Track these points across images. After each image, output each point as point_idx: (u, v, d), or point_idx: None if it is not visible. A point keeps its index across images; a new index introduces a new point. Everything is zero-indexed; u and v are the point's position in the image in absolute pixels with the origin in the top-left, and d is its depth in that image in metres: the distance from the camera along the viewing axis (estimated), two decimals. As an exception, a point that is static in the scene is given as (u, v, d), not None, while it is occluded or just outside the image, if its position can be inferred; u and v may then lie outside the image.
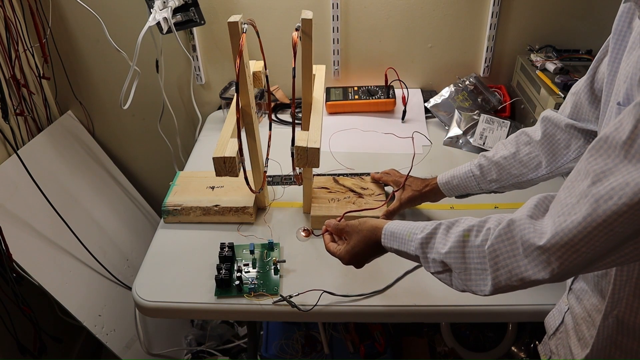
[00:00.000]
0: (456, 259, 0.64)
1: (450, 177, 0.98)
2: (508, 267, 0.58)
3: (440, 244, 0.66)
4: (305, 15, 0.83)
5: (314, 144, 0.87)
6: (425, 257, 0.68)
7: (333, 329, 1.40)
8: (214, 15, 1.42)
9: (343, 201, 1.08)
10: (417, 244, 0.69)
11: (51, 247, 1.29)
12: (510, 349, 1.35)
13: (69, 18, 1.43)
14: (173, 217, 1.08)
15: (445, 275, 0.67)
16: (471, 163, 0.95)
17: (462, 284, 0.65)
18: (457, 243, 0.64)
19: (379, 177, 1.13)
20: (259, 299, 0.90)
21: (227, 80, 1.54)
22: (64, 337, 1.43)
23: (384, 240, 0.74)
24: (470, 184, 0.95)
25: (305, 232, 0.97)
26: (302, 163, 0.88)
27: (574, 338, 0.73)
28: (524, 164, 0.89)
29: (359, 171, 1.24)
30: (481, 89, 1.43)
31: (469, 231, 0.63)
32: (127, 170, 1.73)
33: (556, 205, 0.55)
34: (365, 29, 1.46)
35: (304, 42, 0.85)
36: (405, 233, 0.71)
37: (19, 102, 1.36)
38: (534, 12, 1.41)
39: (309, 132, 0.90)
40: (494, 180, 0.92)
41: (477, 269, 0.62)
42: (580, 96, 0.79)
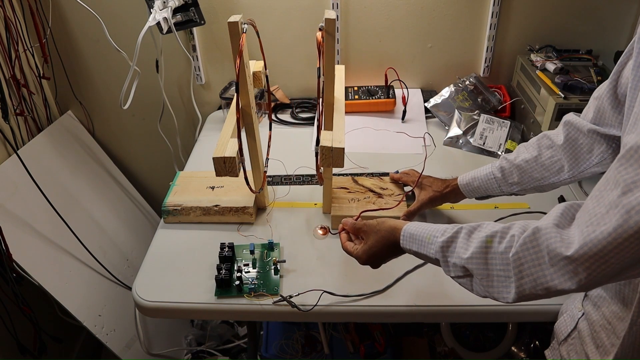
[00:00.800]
0: (478, 265, 0.63)
1: (471, 179, 0.98)
2: (533, 275, 0.58)
3: (462, 249, 0.65)
4: (329, 15, 0.83)
5: (338, 143, 0.87)
6: (446, 261, 0.68)
7: (333, 329, 1.40)
8: (214, 15, 1.42)
9: (363, 201, 1.08)
10: (438, 248, 0.68)
11: (51, 247, 1.29)
12: (510, 349, 1.35)
13: (69, 18, 1.43)
14: (173, 217, 1.08)
15: (466, 280, 0.67)
16: (492, 165, 0.95)
17: (484, 290, 0.64)
18: (479, 249, 0.63)
19: (399, 177, 1.13)
20: (259, 299, 0.90)
21: (227, 80, 1.54)
22: (64, 337, 1.43)
23: (403, 241, 0.74)
24: (491, 186, 0.95)
25: (322, 231, 0.96)
26: (327, 163, 0.88)
27: (591, 345, 0.72)
28: (545, 168, 0.88)
29: (359, 171, 1.24)
30: (481, 89, 1.43)
31: (492, 237, 0.62)
32: (127, 170, 1.73)
33: (584, 215, 0.54)
34: (365, 29, 1.46)
35: (327, 41, 0.85)
36: (425, 235, 0.71)
37: (19, 102, 1.36)
38: (534, 12, 1.41)
39: (333, 132, 0.90)
40: (515, 183, 0.92)
41: (499, 275, 0.61)
42: (603, 101, 0.78)
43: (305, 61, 1.52)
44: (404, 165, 1.25)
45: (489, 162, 1.28)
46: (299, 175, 1.23)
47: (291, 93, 1.57)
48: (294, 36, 1.47)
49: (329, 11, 0.86)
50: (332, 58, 0.88)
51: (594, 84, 1.19)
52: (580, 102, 1.15)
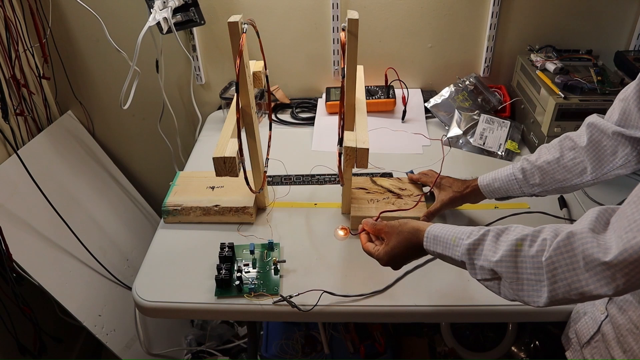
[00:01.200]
0: (508, 268, 0.63)
1: (492, 180, 0.97)
2: (567, 280, 0.57)
3: (490, 252, 0.65)
4: (352, 15, 0.83)
5: (362, 144, 0.87)
6: (472, 264, 0.67)
7: (333, 329, 1.40)
8: (214, 15, 1.42)
9: (382, 202, 1.08)
10: (464, 250, 0.68)
11: (51, 247, 1.29)
12: (510, 349, 1.35)
13: (69, 18, 1.43)
14: (173, 217, 1.08)
15: (494, 284, 0.66)
16: (513, 166, 0.95)
17: (513, 294, 0.64)
18: (509, 252, 0.63)
19: (417, 177, 1.13)
20: (259, 299, 0.90)
21: (227, 80, 1.54)
22: (64, 337, 1.43)
23: (427, 243, 0.73)
24: (512, 187, 0.95)
25: (344, 231, 0.95)
26: (351, 163, 0.88)
27: (618, 349, 0.72)
28: (568, 170, 0.88)
29: (359, 171, 1.24)
30: (481, 89, 1.43)
31: (522, 240, 0.62)
32: (127, 170, 1.73)
33: (621, 220, 0.54)
34: (365, 29, 1.45)
35: (350, 42, 0.85)
36: (450, 238, 0.70)
37: (19, 102, 1.36)
38: (534, 12, 1.41)
39: (356, 133, 0.90)
40: (537, 184, 0.92)
41: (530, 279, 0.61)
42: (629, 103, 0.78)
43: (305, 61, 1.52)
44: (404, 166, 1.25)
45: (489, 162, 1.30)
46: (299, 175, 1.23)
47: (291, 93, 1.57)
48: (294, 36, 1.47)
49: (352, 11, 0.85)
50: (355, 59, 0.88)
51: (594, 84, 1.19)
52: (580, 102, 1.15)
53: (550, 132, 1.19)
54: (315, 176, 1.23)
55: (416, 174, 1.13)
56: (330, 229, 1.05)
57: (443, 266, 0.95)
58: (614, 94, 1.16)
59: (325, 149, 1.35)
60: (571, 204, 1.12)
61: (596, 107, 1.15)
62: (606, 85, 1.19)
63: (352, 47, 0.86)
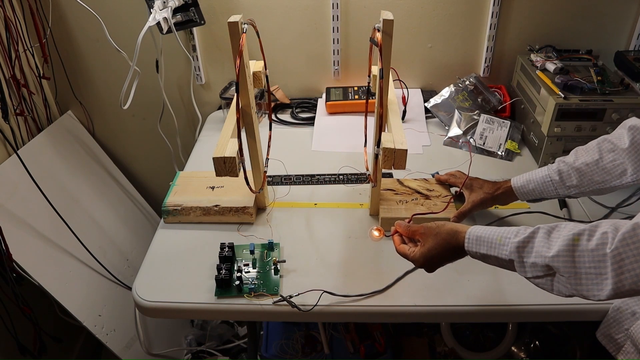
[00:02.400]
0: (565, 263, 0.63)
1: (526, 182, 0.98)
2: (635, 271, 0.58)
3: (544, 248, 0.65)
4: (386, 16, 0.83)
5: (401, 145, 0.86)
6: (522, 262, 0.68)
7: (333, 329, 1.40)
8: (214, 15, 1.42)
9: (411, 203, 1.08)
10: (513, 248, 0.68)
11: (51, 247, 1.29)
12: (510, 349, 1.35)
13: (69, 18, 1.43)
14: (173, 217, 1.08)
15: (546, 280, 0.66)
16: (548, 168, 0.96)
17: (571, 289, 0.64)
18: (566, 246, 0.63)
19: (445, 178, 1.13)
20: (259, 299, 0.90)
21: (227, 80, 1.54)
22: (64, 337, 1.43)
23: (468, 244, 0.74)
24: (547, 189, 0.95)
25: (378, 232, 0.95)
26: (389, 164, 0.87)
27: None
28: (607, 171, 0.89)
29: (359, 171, 1.24)
30: (481, 89, 1.43)
31: (579, 235, 0.63)
32: (127, 170, 1.73)
33: None
34: (365, 29, 1.45)
35: (385, 42, 0.85)
36: (495, 237, 0.71)
37: (19, 102, 1.36)
38: (534, 12, 1.41)
39: (393, 134, 0.90)
40: (574, 186, 0.92)
41: (589, 273, 0.61)
42: None
43: (305, 61, 1.52)
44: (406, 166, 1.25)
45: (489, 162, 1.30)
46: (299, 175, 1.23)
47: (291, 93, 1.57)
48: (294, 36, 1.47)
49: (386, 12, 0.85)
50: (389, 59, 0.87)
51: (594, 84, 1.19)
52: (580, 102, 1.15)
53: (550, 132, 1.19)
54: (314, 176, 1.23)
55: (444, 175, 1.14)
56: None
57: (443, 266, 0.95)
58: (614, 94, 1.17)
59: (325, 149, 1.35)
60: (571, 203, 1.12)
61: (596, 107, 1.16)
62: (606, 85, 1.19)
63: (387, 48, 0.85)
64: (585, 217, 1.09)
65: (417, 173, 1.22)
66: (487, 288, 0.92)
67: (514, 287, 0.92)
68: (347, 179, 1.22)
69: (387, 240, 1.03)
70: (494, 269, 0.93)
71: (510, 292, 0.91)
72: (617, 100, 1.15)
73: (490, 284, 0.93)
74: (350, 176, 1.23)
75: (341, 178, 1.22)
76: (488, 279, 0.93)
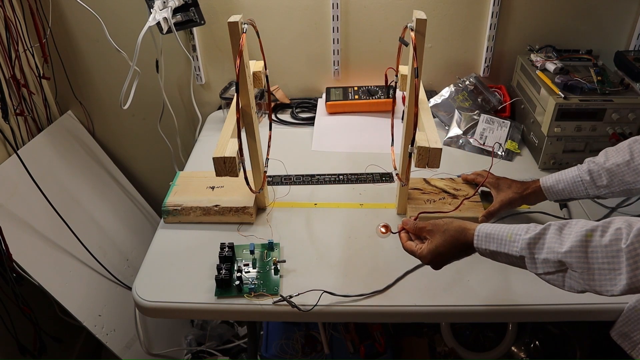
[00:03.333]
0: (578, 258, 0.63)
1: (555, 181, 0.98)
2: None
3: (556, 244, 0.65)
4: (419, 15, 0.83)
5: (435, 144, 0.87)
6: (533, 258, 0.68)
7: (333, 329, 1.40)
8: (214, 15, 1.42)
9: (439, 202, 1.08)
10: (524, 244, 0.68)
11: (51, 247, 1.29)
12: (510, 349, 1.35)
13: (69, 18, 1.43)
14: (173, 217, 1.08)
15: (557, 276, 0.67)
16: (579, 168, 0.96)
17: (584, 284, 0.64)
18: (579, 242, 0.63)
19: (472, 178, 1.13)
20: (259, 299, 0.90)
21: (227, 80, 1.54)
22: (64, 337, 1.43)
23: (477, 241, 0.74)
24: (577, 189, 0.96)
25: (385, 229, 0.96)
26: (423, 163, 0.88)
27: None
28: (638, 172, 0.89)
29: (359, 171, 1.24)
30: (481, 89, 1.43)
31: (592, 231, 0.63)
32: (127, 170, 1.73)
33: None
34: (365, 29, 1.46)
35: (418, 41, 0.85)
36: (505, 234, 0.71)
37: (19, 102, 1.36)
38: (534, 12, 1.41)
39: (427, 133, 0.90)
40: (604, 186, 0.93)
41: (602, 268, 0.62)
42: None
43: (305, 61, 1.52)
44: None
45: (489, 162, 1.29)
46: (299, 175, 1.23)
47: (291, 93, 1.57)
48: (294, 36, 1.47)
49: (418, 11, 0.85)
50: (422, 58, 0.87)
51: (594, 84, 1.19)
52: (580, 102, 1.15)
53: (550, 132, 1.19)
54: (314, 176, 1.23)
55: (470, 175, 1.14)
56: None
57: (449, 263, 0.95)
58: (614, 94, 1.17)
59: (325, 149, 1.35)
60: (571, 204, 1.12)
61: (596, 107, 1.16)
62: (606, 85, 1.19)
63: (420, 47, 0.85)
64: (585, 217, 1.09)
65: (418, 172, 1.22)
66: (487, 288, 0.92)
67: (514, 287, 0.92)
68: (347, 179, 1.22)
69: (388, 240, 1.03)
70: (494, 269, 0.93)
71: (510, 292, 0.91)
72: (617, 100, 1.15)
73: (491, 284, 0.93)
74: (351, 176, 1.23)
75: (341, 178, 1.22)
76: (488, 279, 0.93)
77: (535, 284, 0.92)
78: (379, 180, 1.22)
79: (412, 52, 0.83)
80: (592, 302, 0.88)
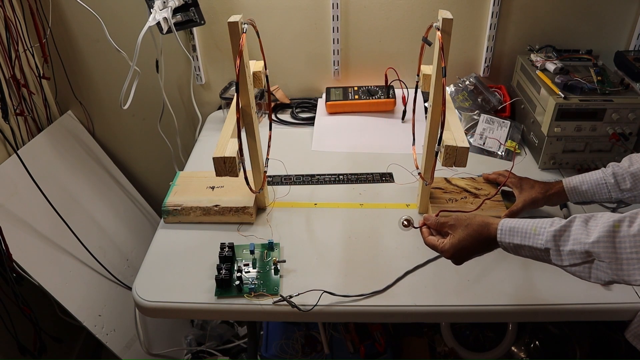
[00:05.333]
0: (606, 248, 0.64)
1: (579, 183, 0.99)
2: None
3: (582, 235, 0.66)
4: (445, 15, 0.84)
5: (462, 143, 0.87)
6: (558, 250, 0.69)
7: (333, 329, 1.40)
8: (214, 15, 1.42)
9: (461, 201, 1.08)
10: (549, 237, 0.69)
11: (51, 247, 1.29)
12: (510, 349, 1.35)
13: (69, 18, 1.43)
14: (173, 217, 1.08)
15: (583, 268, 0.67)
16: (603, 171, 0.97)
17: (612, 274, 0.65)
18: (606, 232, 0.64)
19: (494, 177, 1.13)
20: (259, 299, 0.90)
21: (227, 80, 1.54)
22: (64, 337, 1.43)
23: (501, 235, 0.74)
24: (601, 191, 0.96)
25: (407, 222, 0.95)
26: (450, 162, 0.88)
27: None
28: None
29: (359, 171, 1.24)
30: (481, 89, 1.43)
31: (619, 222, 0.64)
32: (127, 170, 1.73)
33: None
34: (365, 29, 1.46)
35: (445, 41, 0.85)
36: (529, 228, 0.72)
37: (19, 102, 1.36)
38: (534, 12, 1.41)
39: (453, 132, 0.90)
40: (628, 189, 0.93)
41: (631, 258, 0.63)
42: None
43: (305, 61, 1.52)
44: (406, 165, 1.25)
45: (489, 162, 1.30)
46: (299, 175, 1.23)
47: (291, 93, 1.57)
48: (294, 36, 1.47)
49: (444, 11, 0.85)
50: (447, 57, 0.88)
51: (594, 84, 1.19)
52: (580, 102, 1.15)
53: (550, 132, 1.19)
54: (314, 176, 1.23)
55: (492, 174, 1.14)
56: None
57: (443, 266, 0.95)
58: (614, 94, 1.17)
59: (325, 149, 1.35)
60: (571, 204, 1.12)
61: (596, 107, 1.16)
62: (606, 85, 1.19)
63: (447, 46, 0.86)
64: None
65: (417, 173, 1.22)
66: (487, 288, 0.92)
67: (514, 287, 0.92)
68: (347, 179, 1.22)
69: (388, 240, 1.03)
70: (494, 269, 0.93)
71: (510, 292, 0.91)
72: (617, 100, 1.15)
73: (491, 284, 0.93)
74: (351, 176, 1.23)
75: (341, 178, 1.22)
76: (488, 280, 0.93)
77: (535, 284, 0.92)
78: (379, 180, 1.22)
79: (439, 51, 0.84)
80: (593, 302, 0.88)
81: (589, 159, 1.23)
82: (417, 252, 0.99)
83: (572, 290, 0.89)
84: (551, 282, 0.91)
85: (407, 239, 1.02)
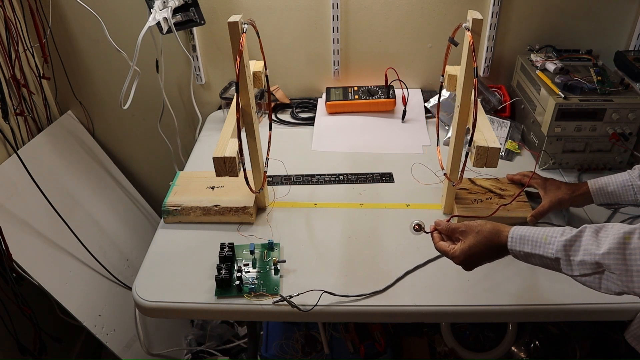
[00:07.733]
0: (616, 260, 0.64)
1: (604, 184, 0.99)
2: None
3: (592, 246, 0.66)
4: (475, 15, 0.83)
5: (493, 143, 0.87)
6: (569, 260, 0.68)
7: (333, 329, 1.40)
8: (214, 15, 1.42)
9: (486, 202, 1.08)
10: (560, 247, 0.69)
11: (51, 247, 1.29)
12: (510, 349, 1.35)
13: (69, 18, 1.43)
14: (173, 217, 1.08)
15: (593, 278, 0.67)
16: (629, 173, 0.97)
17: (622, 286, 0.64)
18: (616, 244, 0.64)
19: (519, 178, 1.13)
20: (259, 299, 0.90)
21: (227, 80, 1.54)
22: (64, 337, 1.43)
23: (512, 243, 0.74)
24: (626, 193, 0.96)
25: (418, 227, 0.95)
26: (481, 163, 0.88)
27: None
28: None
29: (359, 171, 1.24)
30: (481, 89, 1.43)
31: (630, 233, 0.64)
32: (127, 170, 1.73)
33: None
34: (365, 29, 1.46)
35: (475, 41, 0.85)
36: (540, 236, 0.71)
37: (19, 102, 1.36)
38: (534, 12, 1.41)
39: (483, 133, 0.89)
40: None
41: None
42: None
43: (305, 61, 1.52)
44: (406, 165, 1.25)
45: (489, 162, 1.30)
46: (299, 175, 1.23)
47: (291, 93, 1.57)
48: (294, 36, 1.47)
49: (473, 12, 0.85)
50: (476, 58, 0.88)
51: (594, 84, 1.19)
52: (580, 102, 1.15)
53: (550, 132, 1.19)
54: (314, 176, 1.23)
55: (516, 175, 1.14)
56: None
57: (443, 266, 0.95)
58: (614, 94, 1.17)
59: (325, 149, 1.35)
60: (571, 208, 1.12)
61: (596, 107, 1.16)
62: (606, 85, 1.19)
63: (477, 47, 0.85)
64: (586, 218, 1.08)
65: (417, 173, 1.22)
66: (486, 288, 0.92)
67: (514, 287, 0.92)
68: (347, 179, 1.22)
69: (387, 240, 1.03)
70: (494, 269, 0.93)
71: (510, 292, 0.91)
72: (617, 100, 1.15)
73: (491, 285, 0.93)
74: (351, 176, 1.23)
75: (341, 178, 1.22)
76: (488, 280, 0.93)
77: (535, 284, 0.92)
78: (379, 180, 1.22)
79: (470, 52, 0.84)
80: (593, 302, 0.88)
81: (589, 159, 1.23)
82: (417, 252, 0.99)
83: (572, 290, 0.89)
84: (551, 282, 0.91)
85: (407, 239, 1.02)
